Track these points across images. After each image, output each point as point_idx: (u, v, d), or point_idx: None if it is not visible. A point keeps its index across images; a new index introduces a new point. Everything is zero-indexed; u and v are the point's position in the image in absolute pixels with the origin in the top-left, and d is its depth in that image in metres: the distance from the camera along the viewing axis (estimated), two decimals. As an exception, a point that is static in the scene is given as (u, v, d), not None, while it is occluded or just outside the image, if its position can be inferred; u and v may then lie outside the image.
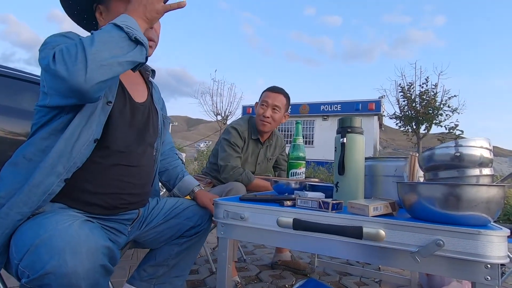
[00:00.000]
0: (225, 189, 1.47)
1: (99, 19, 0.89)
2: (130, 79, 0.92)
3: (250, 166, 1.73)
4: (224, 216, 0.85)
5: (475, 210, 0.61)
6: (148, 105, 0.95)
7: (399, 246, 0.64)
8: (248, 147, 1.70)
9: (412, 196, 0.68)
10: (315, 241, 0.74)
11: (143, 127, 0.91)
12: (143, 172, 0.91)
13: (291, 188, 1.08)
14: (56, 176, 0.70)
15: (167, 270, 1.01)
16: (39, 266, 0.57)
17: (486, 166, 0.73)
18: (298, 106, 14.57)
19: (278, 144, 1.87)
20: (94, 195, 0.79)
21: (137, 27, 0.72)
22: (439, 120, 9.98)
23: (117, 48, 0.68)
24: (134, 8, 0.75)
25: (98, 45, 0.65)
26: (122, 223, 0.88)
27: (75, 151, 0.73)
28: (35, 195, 0.68)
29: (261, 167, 1.78)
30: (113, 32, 0.68)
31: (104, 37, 0.67)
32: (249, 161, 1.72)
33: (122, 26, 0.69)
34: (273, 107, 1.65)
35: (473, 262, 0.58)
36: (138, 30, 0.72)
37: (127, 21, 0.71)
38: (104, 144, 0.79)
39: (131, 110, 0.87)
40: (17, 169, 0.72)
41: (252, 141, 1.71)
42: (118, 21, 0.70)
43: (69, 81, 0.63)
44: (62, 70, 0.63)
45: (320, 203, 0.76)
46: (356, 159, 0.90)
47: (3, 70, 2.56)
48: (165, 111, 1.12)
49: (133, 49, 0.70)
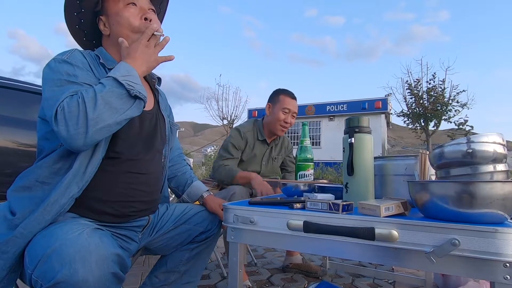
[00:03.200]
0: (228, 193, 1.48)
1: (103, 29, 0.90)
2: None
3: (256, 166, 1.74)
4: (233, 220, 0.85)
5: (490, 207, 0.60)
6: (155, 113, 0.96)
7: (413, 246, 0.63)
8: (254, 148, 1.71)
9: (424, 195, 0.67)
10: (326, 244, 0.73)
11: (151, 134, 0.91)
12: (152, 179, 0.91)
13: (300, 191, 1.07)
14: (71, 196, 0.72)
15: (178, 276, 1.01)
16: (50, 276, 0.58)
17: (500, 162, 0.72)
18: (304, 108, 14.52)
19: (285, 145, 1.88)
20: (104, 203, 0.79)
21: (138, 80, 0.75)
22: (448, 116, 9.83)
23: (117, 107, 0.70)
24: (133, 57, 0.78)
25: (99, 108, 0.67)
26: (133, 230, 0.89)
27: (88, 170, 0.75)
28: (49, 213, 0.69)
29: (266, 167, 1.78)
30: (114, 92, 0.70)
31: (106, 96, 0.69)
32: (255, 161, 1.73)
33: (123, 83, 0.71)
34: (293, 114, 1.70)
35: (490, 261, 0.57)
36: (139, 83, 0.75)
37: (129, 75, 0.73)
38: (114, 152, 0.80)
39: (139, 118, 0.88)
40: (32, 192, 0.73)
41: (258, 142, 1.73)
42: (120, 76, 0.72)
43: (68, 142, 0.67)
44: (63, 131, 0.66)
45: (330, 204, 0.75)
46: (365, 159, 0.88)
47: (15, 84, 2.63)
48: (172, 118, 1.13)
49: (131, 106, 0.73)
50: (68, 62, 0.77)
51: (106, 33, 0.89)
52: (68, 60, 0.77)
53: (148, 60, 0.79)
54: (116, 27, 0.86)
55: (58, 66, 0.76)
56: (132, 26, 0.85)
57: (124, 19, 0.85)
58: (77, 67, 0.77)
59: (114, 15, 0.86)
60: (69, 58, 0.77)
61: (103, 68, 0.85)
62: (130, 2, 0.86)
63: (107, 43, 0.91)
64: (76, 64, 0.77)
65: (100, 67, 0.84)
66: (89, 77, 0.78)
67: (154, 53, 0.80)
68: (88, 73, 0.79)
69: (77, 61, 0.78)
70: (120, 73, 0.72)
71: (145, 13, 0.88)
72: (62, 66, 0.76)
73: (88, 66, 0.81)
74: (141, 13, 0.87)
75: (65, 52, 0.80)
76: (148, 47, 0.80)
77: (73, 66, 0.76)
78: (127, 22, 0.85)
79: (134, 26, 0.85)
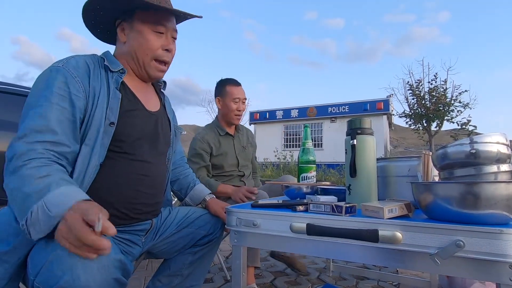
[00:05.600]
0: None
1: (120, 34, 0.90)
2: (143, 89, 0.94)
3: (232, 159, 1.75)
4: (236, 223, 0.85)
5: (495, 208, 0.59)
6: (160, 115, 0.96)
7: (417, 248, 0.62)
8: (221, 144, 1.73)
9: (428, 196, 0.67)
10: (329, 246, 0.73)
11: (155, 136, 0.92)
12: (156, 182, 0.91)
13: (302, 193, 1.07)
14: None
15: (181, 280, 1.01)
16: (53, 282, 0.58)
17: (504, 162, 0.71)
18: (306, 109, 14.52)
19: (249, 133, 1.93)
20: (107, 204, 0.80)
21: (44, 223, 0.59)
22: (451, 116, 9.79)
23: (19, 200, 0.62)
24: (64, 220, 0.57)
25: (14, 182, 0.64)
26: (136, 234, 0.89)
27: (86, 177, 0.75)
28: None
29: (241, 157, 1.79)
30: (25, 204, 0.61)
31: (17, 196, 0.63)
32: (229, 154, 1.74)
33: (23, 220, 0.60)
34: (243, 101, 1.76)
35: (496, 263, 0.56)
36: (42, 224, 0.59)
37: (46, 215, 0.59)
38: (118, 153, 0.81)
39: (145, 119, 0.88)
40: None
41: (222, 137, 1.75)
42: (49, 204, 0.60)
43: None
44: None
45: (333, 207, 0.74)
46: (368, 161, 0.88)
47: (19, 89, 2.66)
48: (176, 122, 1.14)
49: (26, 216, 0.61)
50: (59, 71, 0.75)
51: (122, 40, 0.89)
52: (60, 69, 0.76)
53: (72, 227, 0.55)
54: (135, 43, 0.87)
55: (47, 75, 0.75)
56: (152, 53, 0.88)
57: (146, 42, 0.86)
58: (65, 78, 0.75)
59: (138, 33, 0.87)
60: (64, 66, 0.76)
61: (106, 71, 0.84)
62: (160, 31, 0.88)
63: (118, 47, 0.92)
64: (67, 74, 0.75)
65: (102, 69, 0.84)
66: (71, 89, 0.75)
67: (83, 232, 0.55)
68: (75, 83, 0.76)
69: (69, 67, 0.77)
70: (52, 203, 0.60)
71: (168, 45, 0.90)
72: (51, 75, 0.75)
73: (87, 69, 0.80)
74: (164, 44, 0.89)
75: (61, 60, 0.78)
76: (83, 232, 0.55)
77: (62, 76, 0.75)
78: (148, 46, 0.87)
79: (153, 54, 0.88)
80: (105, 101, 0.79)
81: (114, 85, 0.83)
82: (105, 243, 0.54)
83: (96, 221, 0.53)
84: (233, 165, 1.75)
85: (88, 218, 0.54)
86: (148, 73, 0.91)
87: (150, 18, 0.87)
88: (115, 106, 0.81)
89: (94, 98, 0.78)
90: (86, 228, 0.54)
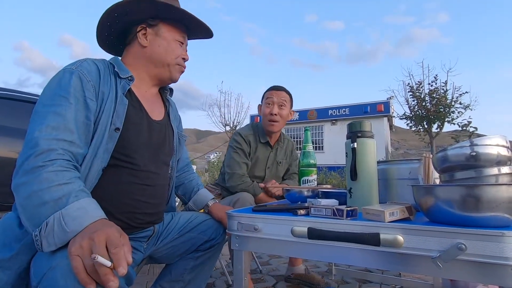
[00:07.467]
0: (233, 199, 1.43)
1: (142, 40, 0.90)
2: (148, 97, 0.94)
3: (259, 171, 1.65)
4: (237, 228, 0.85)
5: (496, 210, 0.59)
6: (164, 124, 0.96)
7: (419, 251, 0.62)
8: (256, 151, 1.63)
9: (429, 199, 0.67)
10: (331, 250, 0.72)
11: (159, 146, 0.92)
12: (158, 192, 0.91)
13: (303, 196, 1.07)
14: None
15: (183, 285, 1.00)
16: None
17: (505, 164, 0.71)
18: (306, 112, 14.53)
19: (289, 148, 1.77)
20: (108, 214, 0.80)
21: (61, 235, 0.58)
22: (452, 118, 9.78)
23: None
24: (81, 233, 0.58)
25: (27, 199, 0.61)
26: (138, 241, 0.89)
27: (88, 182, 0.75)
28: None
29: (271, 171, 1.68)
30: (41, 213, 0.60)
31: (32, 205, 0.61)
32: (258, 165, 1.64)
33: (36, 234, 0.59)
34: (279, 104, 1.59)
35: (498, 266, 0.56)
36: (55, 236, 0.58)
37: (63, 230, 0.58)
38: (120, 162, 0.81)
39: (148, 128, 0.88)
40: None
41: (261, 145, 1.64)
42: (67, 217, 0.59)
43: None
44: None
45: (334, 210, 0.74)
46: (368, 164, 0.88)
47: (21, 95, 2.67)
48: (181, 128, 1.14)
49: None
50: (74, 73, 0.75)
51: (143, 44, 0.90)
52: (74, 71, 0.76)
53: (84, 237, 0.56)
54: (159, 48, 0.91)
55: (61, 77, 0.75)
56: (175, 57, 0.94)
57: (172, 48, 0.93)
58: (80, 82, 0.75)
59: (165, 39, 0.92)
60: (78, 69, 0.76)
61: (115, 77, 0.84)
62: (181, 41, 0.96)
63: (134, 52, 0.92)
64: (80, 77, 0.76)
65: (112, 75, 0.84)
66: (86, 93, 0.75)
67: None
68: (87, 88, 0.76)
69: (83, 70, 0.77)
70: (70, 216, 0.59)
71: (186, 55, 0.98)
72: (66, 76, 0.75)
73: (98, 73, 0.80)
74: (183, 54, 0.97)
75: (74, 63, 0.79)
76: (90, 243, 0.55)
77: (77, 79, 0.75)
78: (173, 51, 0.94)
79: (177, 60, 0.95)
80: (112, 106, 0.80)
81: (121, 91, 0.83)
82: (111, 285, 0.51)
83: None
84: (259, 177, 1.64)
85: (111, 246, 0.53)
86: (171, 73, 0.96)
87: (175, 28, 0.94)
88: (122, 112, 0.81)
89: (102, 102, 0.78)
90: (106, 257, 0.52)
